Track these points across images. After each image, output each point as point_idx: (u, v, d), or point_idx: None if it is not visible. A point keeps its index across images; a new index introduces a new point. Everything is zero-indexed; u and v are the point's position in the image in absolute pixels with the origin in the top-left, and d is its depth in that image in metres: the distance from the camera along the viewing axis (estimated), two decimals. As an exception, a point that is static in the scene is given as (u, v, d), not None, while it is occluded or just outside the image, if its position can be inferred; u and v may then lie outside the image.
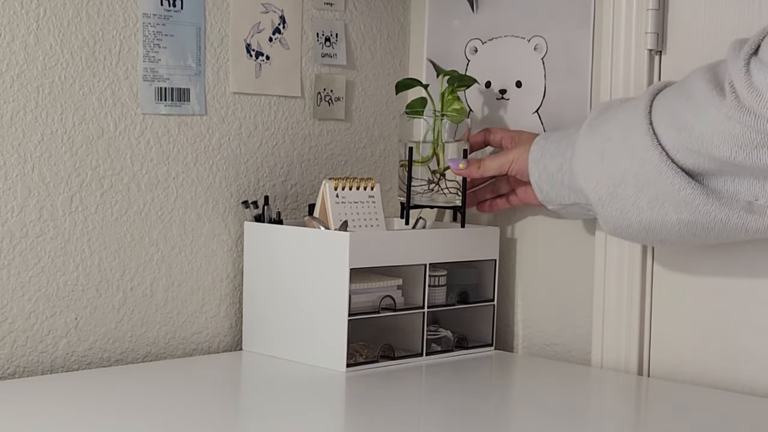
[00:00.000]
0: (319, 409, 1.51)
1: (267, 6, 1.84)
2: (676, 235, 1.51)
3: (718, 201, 1.45)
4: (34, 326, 1.62)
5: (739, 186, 1.45)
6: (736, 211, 1.45)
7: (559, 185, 1.64)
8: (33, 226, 1.61)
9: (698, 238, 1.50)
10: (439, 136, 1.80)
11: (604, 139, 1.55)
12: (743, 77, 1.37)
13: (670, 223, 1.50)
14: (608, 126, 1.56)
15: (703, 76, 1.44)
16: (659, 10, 1.69)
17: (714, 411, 1.54)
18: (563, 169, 1.62)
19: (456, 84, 1.82)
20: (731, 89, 1.38)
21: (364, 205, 1.76)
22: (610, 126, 1.56)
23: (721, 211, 1.45)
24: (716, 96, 1.40)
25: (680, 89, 1.49)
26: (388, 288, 1.74)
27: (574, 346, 1.82)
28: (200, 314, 1.79)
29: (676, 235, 1.51)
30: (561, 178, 1.63)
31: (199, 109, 1.77)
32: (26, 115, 1.60)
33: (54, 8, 1.61)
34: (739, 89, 1.37)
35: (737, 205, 1.45)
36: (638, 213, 1.52)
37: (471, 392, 1.62)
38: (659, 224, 1.51)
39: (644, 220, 1.52)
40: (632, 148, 1.50)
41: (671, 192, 1.47)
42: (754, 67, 1.36)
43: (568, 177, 1.61)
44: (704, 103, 1.41)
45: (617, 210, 1.55)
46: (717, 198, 1.45)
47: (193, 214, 1.78)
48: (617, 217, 1.55)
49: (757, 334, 1.62)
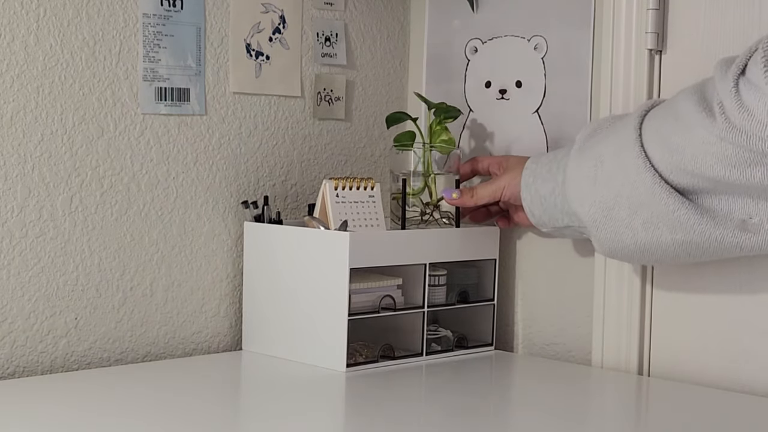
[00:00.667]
0: (319, 409, 1.51)
1: (267, 6, 1.84)
2: (671, 255, 1.52)
3: (712, 220, 1.45)
4: (33, 326, 1.62)
5: (733, 204, 1.45)
6: (730, 230, 1.45)
7: (551, 208, 1.64)
8: (33, 226, 1.61)
9: (693, 257, 1.51)
10: (430, 168, 1.81)
11: (596, 162, 1.55)
12: (733, 97, 1.36)
13: (665, 244, 1.50)
14: (599, 149, 1.56)
15: (690, 96, 1.44)
16: (659, 10, 1.69)
17: (714, 411, 1.54)
18: (555, 192, 1.62)
19: (442, 116, 1.83)
20: (720, 109, 1.38)
21: (364, 205, 1.76)
22: (601, 149, 1.55)
23: (715, 230, 1.45)
24: (706, 117, 1.40)
25: (669, 110, 1.49)
26: (388, 288, 1.74)
27: (574, 346, 1.82)
28: (200, 314, 1.79)
29: (672, 255, 1.51)
30: (554, 202, 1.63)
31: (199, 109, 1.77)
32: (26, 115, 1.60)
33: (54, 8, 1.61)
34: (728, 109, 1.37)
35: (731, 223, 1.45)
36: (633, 235, 1.52)
37: (471, 392, 1.62)
38: (654, 245, 1.51)
39: (639, 241, 1.52)
40: (624, 170, 1.50)
41: (665, 213, 1.47)
42: (743, 87, 1.36)
43: (561, 200, 1.62)
44: (693, 124, 1.41)
45: (612, 232, 1.55)
46: (711, 217, 1.45)
47: (193, 214, 1.78)
48: (612, 239, 1.55)
49: (757, 334, 1.62)
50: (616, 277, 1.75)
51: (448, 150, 1.82)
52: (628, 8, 1.71)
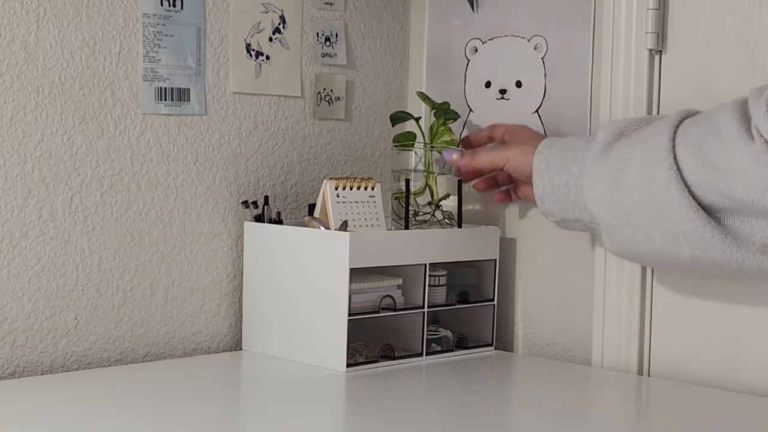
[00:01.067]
0: (319, 409, 1.51)
1: (267, 6, 1.84)
2: (685, 267, 1.51)
3: (735, 242, 1.44)
4: (33, 326, 1.62)
5: (756, 227, 1.43)
6: (752, 253, 1.44)
7: (564, 200, 1.62)
8: (33, 226, 1.61)
9: (708, 272, 1.50)
10: (430, 168, 1.81)
11: (620, 167, 1.52)
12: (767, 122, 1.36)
13: (682, 257, 1.49)
14: (624, 153, 1.53)
15: (732, 114, 1.42)
16: (659, 10, 1.69)
17: (714, 411, 1.54)
18: (569, 185, 1.60)
19: (443, 118, 1.83)
20: (758, 133, 1.38)
21: (365, 205, 1.76)
22: (627, 153, 1.52)
23: (737, 252, 1.44)
24: (748, 138, 1.39)
25: (708, 125, 1.46)
26: (388, 288, 1.74)
27: (574, 346, 1.82)
28: (200, 314, 1.79)
29: (686, 266, 1.50)
30: (567, 194, 1.61)
31: (199, 109, 1.77)
32: (26, 115, 1.60)
33: (54, 8, 1.61)
34: (765, 132, 1.37)
35: (753, 246, 1.44)
36: (650, 243, 1.51)
37: (471, 392, 1.62)
38: (671, 256, 1.50)
39: (656, 250, 1.51)
40: (651, 179, 1.47)
41: (689, 229, 1.45)
42: None
43: (575, 194, 1.59)
44: (734, 143, 1.40)
45: (628, 237, 1.53)
46: (734, 239, 1.44)
47: (193, 214, 1.78)
48: (627, 243, 1.54)
49: (757, 334, 1.62)
50: (616, 277, 1.75)
51: None
52: (628, 8, 1.71)
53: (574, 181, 1.59)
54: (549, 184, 1.63)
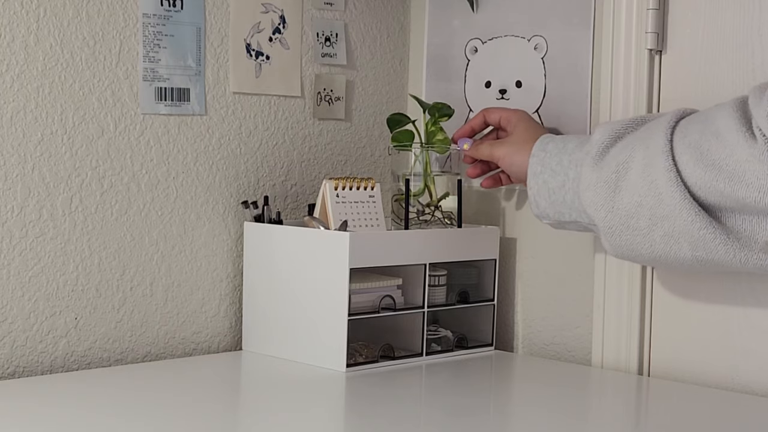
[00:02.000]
0: (319, 409, 1.51)
1: (267, 6, 1.84)
2: (686, 267, 1.50)
3: (737, 242, 1.43)
4: (33, 326, 1.62)
5: (758, 226, 1.42)
6: (755, 252, 1.43)
7: (559, 203, 1.60)
8: (33, 226, 1.61)
9: (710, 271, 1.50)
10: (428, 168, 1.81)
11: (618, 170, 1.51)
12: None
13: (684, 258, 1.48)
14: (622, 156, 1.51)
15: (732, 113, 1.41)
16: (659, 10, 1.69)
17: (714, 411, 1.54)
18: (565, 188, 1.59)
19: (436, 116, 1.83)
20: (760, 133, 1.37)
21: (365, 205, 1.76)
22: (625, 156, 1.51)
23: (740, 253, 1.43)
24: (749, 138, 1.38)
25: (707, 125, 1.45)
26: (387, 288, 1.74)
27: (574, 346, 1.82)
28: (200, 314, 1.79)
29: (687, 267, 1.50)
30: (563, 196, 1.60)
31: (199, 109, 1.77)
32: (26, 115, 1.60)
33: (54, 8, 1.61)
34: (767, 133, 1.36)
35: (756, 246, 1.43)
36: (650, 245, 1.50)
37: (471, 392, 1.62)
38: (672, 258, 1.49)
39: (656, 252, 1.50)
40: (650, 181, 1.46)
41: (690, 230, 1.44)
42: None
43: (571, 196, 1.58)
44: (736, 143, 1.39)
45: (628, 240, 1.52)
46: (736, 239, 1.43)
47: (193, 214, 1.78)
48: (627, 246, 1.53)
49: (756, 334, 1.62)
50: (616, 277, 1.75)
51: (444, 150, 1.82)
52: (628, 8, 1.71)
53: (571, 184, 1.58)
54: (543, 186, 1.61)
